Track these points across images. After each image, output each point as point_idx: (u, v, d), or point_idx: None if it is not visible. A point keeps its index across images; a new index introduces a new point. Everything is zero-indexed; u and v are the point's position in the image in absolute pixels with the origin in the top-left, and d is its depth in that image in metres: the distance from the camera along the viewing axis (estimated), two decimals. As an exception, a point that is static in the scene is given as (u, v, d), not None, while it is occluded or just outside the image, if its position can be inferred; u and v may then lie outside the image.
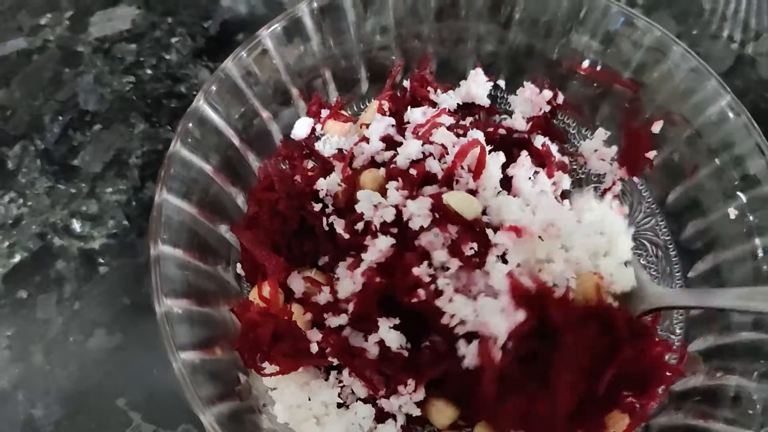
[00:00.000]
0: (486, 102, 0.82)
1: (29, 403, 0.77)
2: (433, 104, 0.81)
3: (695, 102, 0.74)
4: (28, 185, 0.88)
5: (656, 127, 0.72)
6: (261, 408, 0.66)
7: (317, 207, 0.70)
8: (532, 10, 0.79)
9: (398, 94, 0.82)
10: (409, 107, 0.78)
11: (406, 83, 0.83)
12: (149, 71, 0.95)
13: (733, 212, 0.71)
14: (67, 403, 0.77)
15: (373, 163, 0.74)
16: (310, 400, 0.67)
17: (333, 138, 0.79)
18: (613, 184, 0.79)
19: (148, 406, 0.76)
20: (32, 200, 0.87)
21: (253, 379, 0.68)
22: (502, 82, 0.85)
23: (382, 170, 0.70)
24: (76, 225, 0.86)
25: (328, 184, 0.72)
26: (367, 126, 0.75)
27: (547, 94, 0.79)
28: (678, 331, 0.75)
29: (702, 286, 0.75)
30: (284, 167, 0.77)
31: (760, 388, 0.62)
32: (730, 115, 0.72)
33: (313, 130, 0.80)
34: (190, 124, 0.68)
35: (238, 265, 0.74)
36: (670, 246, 0.79)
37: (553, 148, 0.75)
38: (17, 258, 0.84)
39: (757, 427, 0.59)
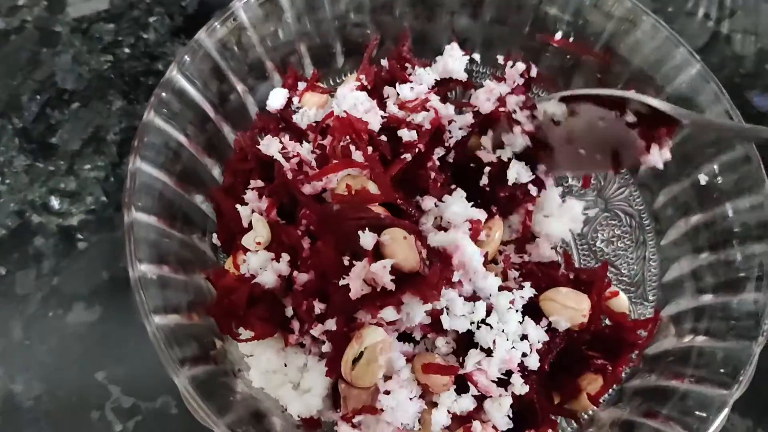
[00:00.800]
0: (463, 76, 0.83)
1: (9, 378, 0.77)
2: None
3: (666, 71, 0.75)
4: (6, 163, 0.88)
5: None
6: (236, 373, 0.67)
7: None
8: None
9: (376, 70, 0.82)
10: (397, 84, 0.78)
11: (384, 61, 0.83)
12: (127, 50, 0.95)
13: (703, 178, 0.72)
14: (46, 378, 0.77)
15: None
16: (286, 366, 0.67)
17: (311, 111, 0.79)
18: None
19: (128, 380, 0.77)
20: (10, 178, 0.87)
21: (229, 345, 0.69)
22: (477, 56, 0.86)
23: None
24: (55, 202, 0.86)
25: (304, 154, 0.72)
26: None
27: (521, 66, 0.79)
28: (651, 297, 0.77)
29: (675, 253, 0.76)
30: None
31: (726, 347, 0.63)
32: (700, 82, 0.72)
33: (290, 102, 0.80)
34: (164, 94, 0.68)
35: (214, 236, 0.74)
36: (643, 215, 0.80)
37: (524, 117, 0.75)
38: (-5, 235, 0.84)
39: (723, 384, 0.61)
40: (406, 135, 0.70)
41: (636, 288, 0.78)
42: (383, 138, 0.70)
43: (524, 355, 0.63)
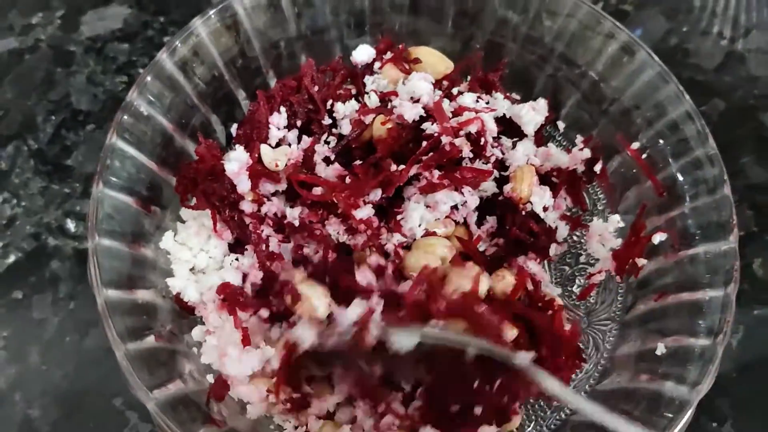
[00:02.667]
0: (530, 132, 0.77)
1: (26, 404, 0.77)
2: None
3: (626, 74, 0.75)
4: (21, 185, 0.88)
5: (656, 239, 0.69)
6: (188, 353, 0.68)
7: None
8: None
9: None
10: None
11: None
12: (142, 71, 0.95)
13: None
14: (64, 404, 0.77)
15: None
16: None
17: (383, 81, 0.77)
18: (599, 272, 0.75)
19: (145, 406, 0.76)
20: (26, 200, 0.87)
21: (183, 327, 0.70)
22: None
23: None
24: (71, 225, 0.86)
25: (347, 109, 0.73)
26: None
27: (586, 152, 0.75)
28: (620, 298, 0.77)
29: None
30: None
31: (697, 344, 0.64)
32: (660, 83, 0.72)
33: (370, 67, 0.78)
34: (125, 117, 0.68)
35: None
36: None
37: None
38: (12, 258, 0.84)
39: (693, 378, 0.61)
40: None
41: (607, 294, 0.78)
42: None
43: None
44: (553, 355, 0.66)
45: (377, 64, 0.78)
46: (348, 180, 0.70)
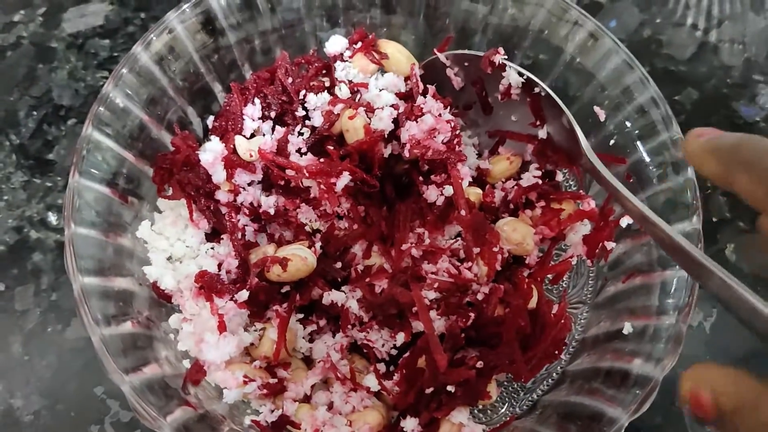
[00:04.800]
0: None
1: (8, 394, 0.78)
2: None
3: (594, 60, 0.77)
4: (3, 180, 0.89)
5: (624, 222, 0.71)
6: (164, 339, 0.69)
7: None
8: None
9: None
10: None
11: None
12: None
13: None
14: (46, 393, 0.78)
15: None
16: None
17: (353, 70, 0.78)
18: (571, 257, 0.76)
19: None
20: (8, 194, 0.88)
21: (160, 314, 0.71)
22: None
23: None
24: (52, 218, 0.87)
25: (319, 101, 0.74)
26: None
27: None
28: (590, 282, 0.79)
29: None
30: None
31: (663, 322, 0.65)
32: (626, 69, 0.74)
33: (341, 56, 0.79)
34: (101, 108, 0.68)
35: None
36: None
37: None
38: (-6, 251, 0.85)
39: (658, 355, 0.63)
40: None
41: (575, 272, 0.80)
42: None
43: None
44: (539, 340, 0.69)
45: (348, 53, 0.79)
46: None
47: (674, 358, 0.62)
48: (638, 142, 0.73)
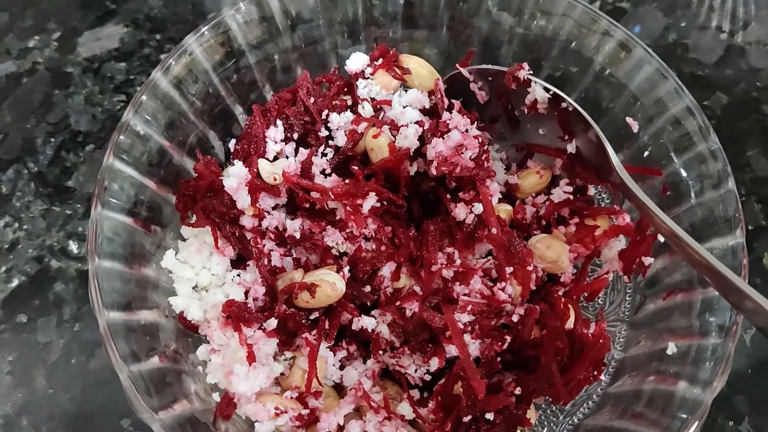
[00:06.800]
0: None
1: (34, 429, 0.76)
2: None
3: (625, 70, 0.74)
4: (23, 209, 0.88)
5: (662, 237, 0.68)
6: (193, 372, 0.67)
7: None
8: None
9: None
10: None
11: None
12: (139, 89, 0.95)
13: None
14: (71, 427, 0.77)
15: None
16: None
17: (375, 87, 0.76)
18: (607, 273, 0.74)
19: (153, 426, 0.76)
20: (28, 223, 0.87)
21: (188, 346, 0.70)
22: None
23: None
24: (73, 246, 0.86)
25: (342, 120, 0.72)
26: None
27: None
28: (628, 298, 0.76)
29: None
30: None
31: (708, 342, 0.63)
32: (659, 79, 0.72)
33: (362, 73, 0.77)
34: (122, 137, 0.67)
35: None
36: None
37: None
38: (15, 282, 0.84)
39: (705, 377, 0.60)
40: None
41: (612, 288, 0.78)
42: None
43: None
44: (578, 362, 0.66)
45: (369, 70, 0.77)
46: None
47: (723, 380, 0.59)
48: (673, 154, 0.71)
